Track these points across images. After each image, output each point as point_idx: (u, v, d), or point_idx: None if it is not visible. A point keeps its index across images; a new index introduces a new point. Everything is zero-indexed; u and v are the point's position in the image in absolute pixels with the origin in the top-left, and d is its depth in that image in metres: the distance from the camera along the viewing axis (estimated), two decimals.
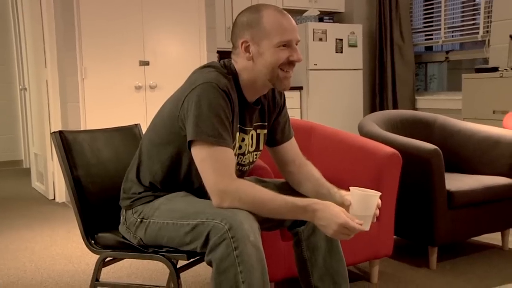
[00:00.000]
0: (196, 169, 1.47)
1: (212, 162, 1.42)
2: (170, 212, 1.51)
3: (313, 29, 5.03)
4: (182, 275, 1.66)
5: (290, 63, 1.52)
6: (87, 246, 1.70)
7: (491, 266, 2.54)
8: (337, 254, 1.67)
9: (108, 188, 1.78)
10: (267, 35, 1.49)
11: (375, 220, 1.49)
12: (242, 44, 1.52)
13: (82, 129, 4.04)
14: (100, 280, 1.73)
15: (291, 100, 5.00)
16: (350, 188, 1.48)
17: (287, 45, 1.50)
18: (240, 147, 1.59)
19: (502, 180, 2.61)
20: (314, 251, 1.66)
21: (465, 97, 4.21)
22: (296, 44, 1.53)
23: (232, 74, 1.53)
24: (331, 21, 5.37)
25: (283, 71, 1.52)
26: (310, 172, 1.70)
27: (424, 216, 2.44)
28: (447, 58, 5.15)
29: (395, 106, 5.28)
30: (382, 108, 5.41)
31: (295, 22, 1.55)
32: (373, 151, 2.23)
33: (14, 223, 3.60)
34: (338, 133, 2.44)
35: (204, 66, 1.57)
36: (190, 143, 1.45)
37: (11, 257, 2.87)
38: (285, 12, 1.54)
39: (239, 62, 1.55)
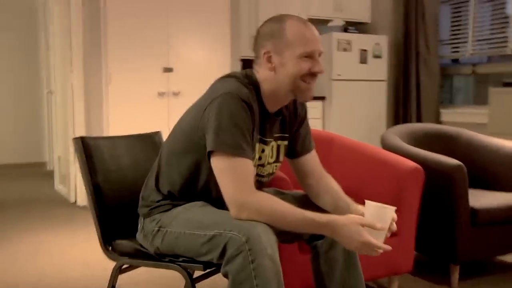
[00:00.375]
0: (215, 179, 1.46)
1: (231, 174, 1.41)
2: (188, 221, 1.50)
3: (338, 39, 5.00)
4: (199, 284, 1.65)
5: (312, 75, 1.51)
6: (104, 252, 1.70)
7: (502, 284, 2.47)
8: (355, 270, 1.64)
9: (126, 195, 1.78)
10: (289, 46, 1.47)
11: (388, 235, 1.45)
12: (264, 55, 1.51)
13: (104, 134, 4.09)
14: (116, 287, 1.73)
15: (314, 110, 4.97)
16: (365, 201, 1.46)
17: (309, 56, 1.48)
18: (259, 158, 1.58)
19: None
20: (331, 266, 1.63)
21: (492, 111, 4.12)
22: (319, 56, 1.51)
23: (253, 84, 1.52)
24: (356, 31, 5.33)
25: (305, 82, 1.50)
26: (329, 184, 1.68)
27: (446, 233, 2.38)
28: (474, 71, 5.06)
29: (419, 119, 5.21)
30: (405, 120, 5.33)
31: (318, 32, 1.53)
32: (395, 165, 2.19)
33: (35, 225, 3.65)
34: (359, 145, 2.40)
35: (226, 76, 1.56)
36: (210, 154, 1.44)
37: (31, 259, 2.91)
38: (309, 22, 1.52)
39: (261, 72, 1.54)
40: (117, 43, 4.11)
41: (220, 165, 1.43)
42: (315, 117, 5.00)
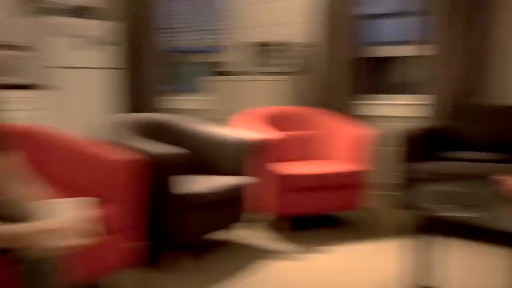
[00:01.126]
0: None
1: None
2: None
3: (59, 24, 4.68)
4: None
5: None
6: None
7: (221, 261, 2.71)
8: (55, 276, 1.56)
9: None
10: None
11: (94, 227, 1.44)
12: None
13: None
14: None
15: (22, 101, 4.45)
16: (50, 200, 1.43)
17: None
18: None
19: (230, 180, 2.77)
20: (30, 276, 1.53)
21: (211, 98, 4.49)
22: None
23: None
24: (81, 16, 5.09)
25: None
26: (33, 190, 1.55)
27: (158, 219, 2.51)
28: (195, 60, 5.40)
29: (144, 109, 5.32)
30: (132, 110, 5.40)
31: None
32: (103, 157, 2.18)
33: None
34: (68, 140, 2.31)
35: None
36: None
37: None
38: None
39: None
40: None
41: None
42: (24, 109, 4.44)
